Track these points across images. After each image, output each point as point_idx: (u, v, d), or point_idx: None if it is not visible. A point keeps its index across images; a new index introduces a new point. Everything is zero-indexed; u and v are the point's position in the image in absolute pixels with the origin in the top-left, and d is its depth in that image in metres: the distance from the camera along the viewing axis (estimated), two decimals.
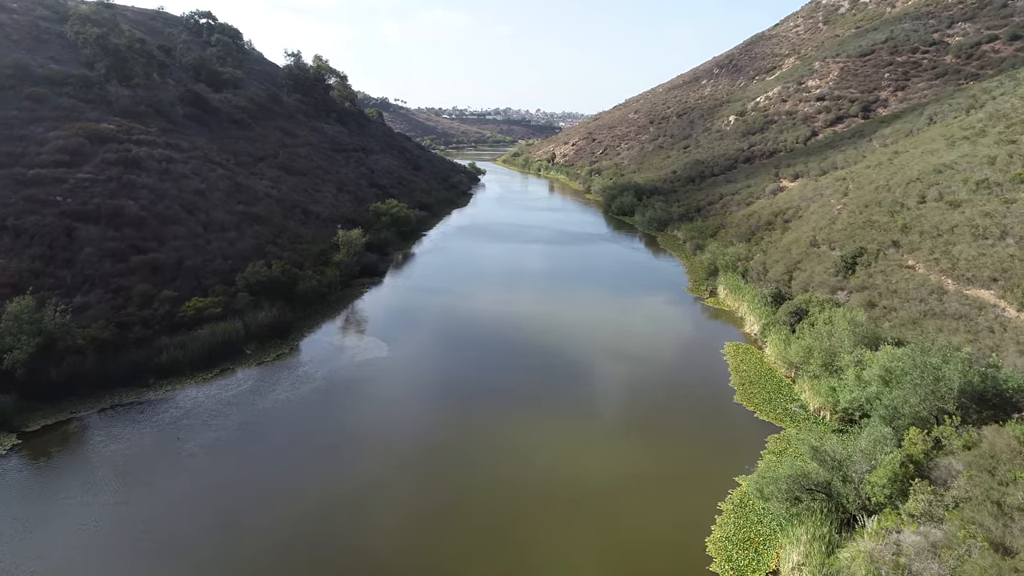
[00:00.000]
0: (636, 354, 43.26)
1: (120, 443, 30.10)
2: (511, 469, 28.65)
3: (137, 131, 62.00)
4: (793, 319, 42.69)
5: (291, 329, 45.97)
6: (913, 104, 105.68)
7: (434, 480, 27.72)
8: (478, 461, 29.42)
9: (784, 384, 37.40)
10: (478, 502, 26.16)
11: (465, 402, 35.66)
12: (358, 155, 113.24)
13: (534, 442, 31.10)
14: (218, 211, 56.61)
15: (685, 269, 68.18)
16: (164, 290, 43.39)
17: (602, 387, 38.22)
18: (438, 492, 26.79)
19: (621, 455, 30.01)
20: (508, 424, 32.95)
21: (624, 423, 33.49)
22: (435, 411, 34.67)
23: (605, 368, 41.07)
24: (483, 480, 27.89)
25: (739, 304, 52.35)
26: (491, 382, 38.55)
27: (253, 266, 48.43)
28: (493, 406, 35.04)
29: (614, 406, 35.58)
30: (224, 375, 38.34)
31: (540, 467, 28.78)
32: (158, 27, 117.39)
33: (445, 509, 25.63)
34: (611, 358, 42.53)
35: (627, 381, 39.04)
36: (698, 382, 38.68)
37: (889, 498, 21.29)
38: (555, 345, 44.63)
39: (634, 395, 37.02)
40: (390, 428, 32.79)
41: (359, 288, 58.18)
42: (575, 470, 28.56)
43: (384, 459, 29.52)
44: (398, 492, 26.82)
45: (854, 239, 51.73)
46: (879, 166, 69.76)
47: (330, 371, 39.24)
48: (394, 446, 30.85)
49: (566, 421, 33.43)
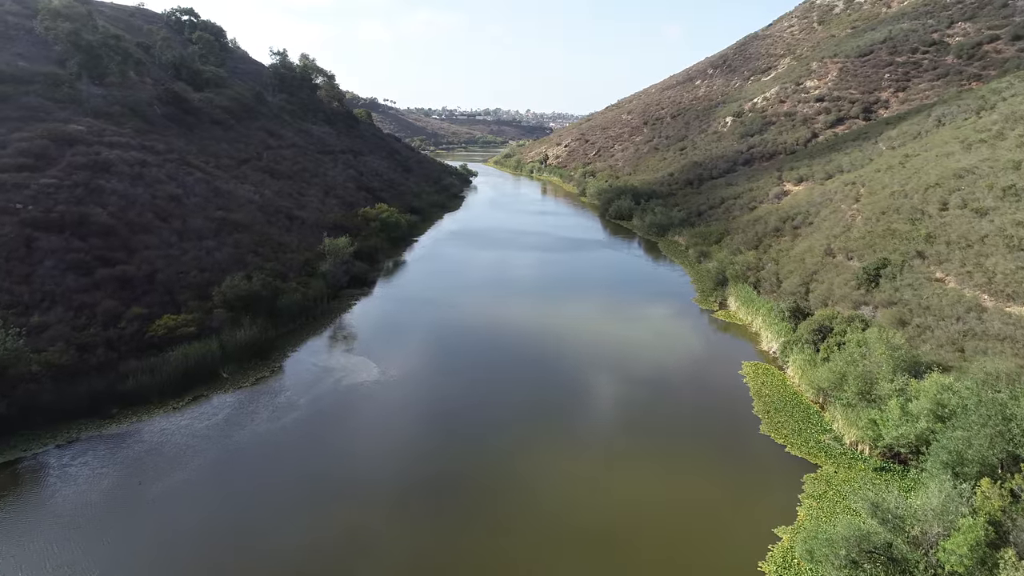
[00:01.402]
0: (647, 376, 40.00)
1: (75, 486, 26.46)
2: (513, 513, 25.31)
3: (109, 132, 58.02)
4: (816, 337, 39.60)
5: (273, 348, 42.32)
6: (916, 105, 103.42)
7: (428, 528, 24.28)
8: (476, 503, 26.03)
9: (813, 412, 34.25)
10: (480, 555, 22.75)
11: (462, 434, 32.21)
12: (346, 157, 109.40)
13: (537, 482, 27.75)
14: (195, 218, 52.80)
15: (691, 278, 65.05)
16: (133, 307, 39.64)
17: (611, 415, 34.92)
18: (431, 543, 23.36)
19: (638, 497, 26.71)
20: (509, 461, 29.58)
21: (638, 458, 30.18)
22: (429, 445, 31.21)
23: (613, 392, 37.78)
24: (484, 527, 24.51)
25: (752, 318, 49.27)
26: (489, 412, 35.08)
27: (232, 279, 44.71)
28: (492, 439, 31.63)
29: (626, 438, 32.23)
30: (197, 402, 34.67)
31: (544, 512, 25.41)
32: (137, 24, 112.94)
33: (442, 567, 22.20)
34: (620, 380, 39.24)
35: (639, 408, 35.75)
36: (718, 409, 35.42)
37: (969, 570, 18.12)
38: (557, 365, 41.30)
39: (647, 425, 33.72)
40: (379, 466, 29.31)
41: (347, 300, 54.52)
42: (584, 516, 25.24)
43: (372, 505, 26.04)
44: (388, 549, 23.34)
45: (874, 249, 48.81)
46: (890, 170, 67.04)
47: (314, 397, 35.67)
48: (384, 488, 27.37)
49: (572, 457, 30.10)
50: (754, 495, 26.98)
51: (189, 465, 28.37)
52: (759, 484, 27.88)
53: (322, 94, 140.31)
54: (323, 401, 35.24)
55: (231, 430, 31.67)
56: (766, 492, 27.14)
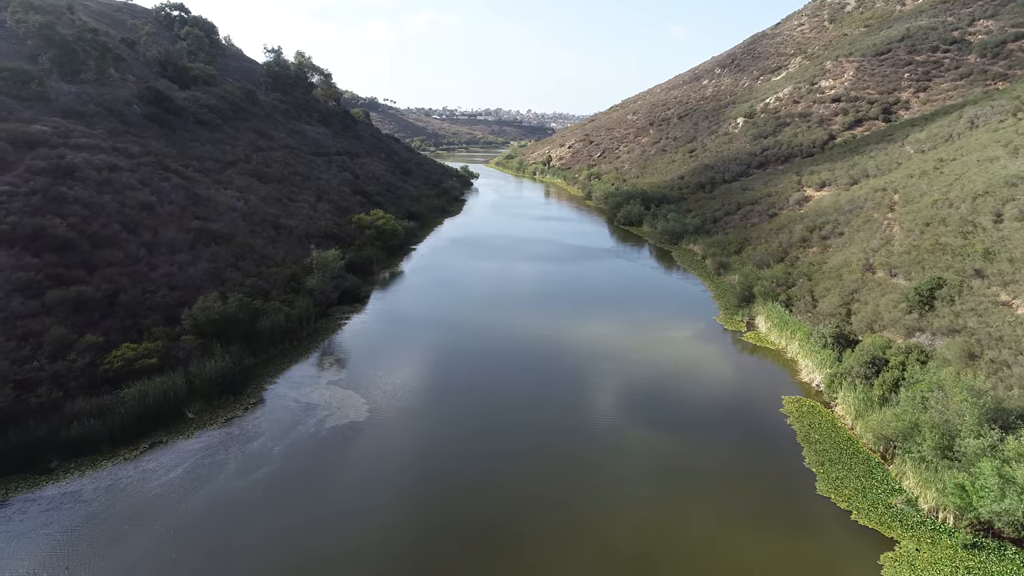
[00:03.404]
0: (673, 415, 34.98)
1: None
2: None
3: (77, 134, 53.01)
4: (869, 371, 34.58)
5: (249, 379, 37.27)
6: (939, 106, 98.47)
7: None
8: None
9: (875, 464, 29.20)
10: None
11: (464, 498, 27.18)
12: (342, 159, 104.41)
13: (550, 566, 22.75)
14: (168, 229, 47.79)
15: (711, 293, 59.98)
16: (87, 334, 34.59)
17: (637, 468, 29.85)
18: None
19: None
20: (516, 539, 24.55)
21: (677, 524, 25.18)
22: (426, 513, 26.16)
23: (637, 436, 32.73)
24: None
25: (787, 341, 44.26)
26: (497, 465, 30.04)
27: (205, 299, 39.65)
28: (500, 506, 26.59)
29: (656, 500, 27.19)
30: (155, 450, 29.67)
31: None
32: (124, 19, 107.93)
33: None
34: (643, 420, 34.19)
35: (668, 458, 30.69)
36: (763, 460, 30.34)
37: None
38: (573, 403, 36.27)
39: (680, 482, 28.66)
40: (365, 543, 24.25)
41: (336, 320, 49.44)
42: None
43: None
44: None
45: (922, 265, 43.80)
46: (925, 175, 62.06)
47: (292, 443, 30.63)
48: (371, 566, 22.38)
49: (592, 529, 25.07)
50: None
51: (131, 541, 23.35)
52: (826, 566, 22.85)
53: (318, 93, 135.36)
54: (302, 449, 30.20)
55: (188, 489, 26.64)
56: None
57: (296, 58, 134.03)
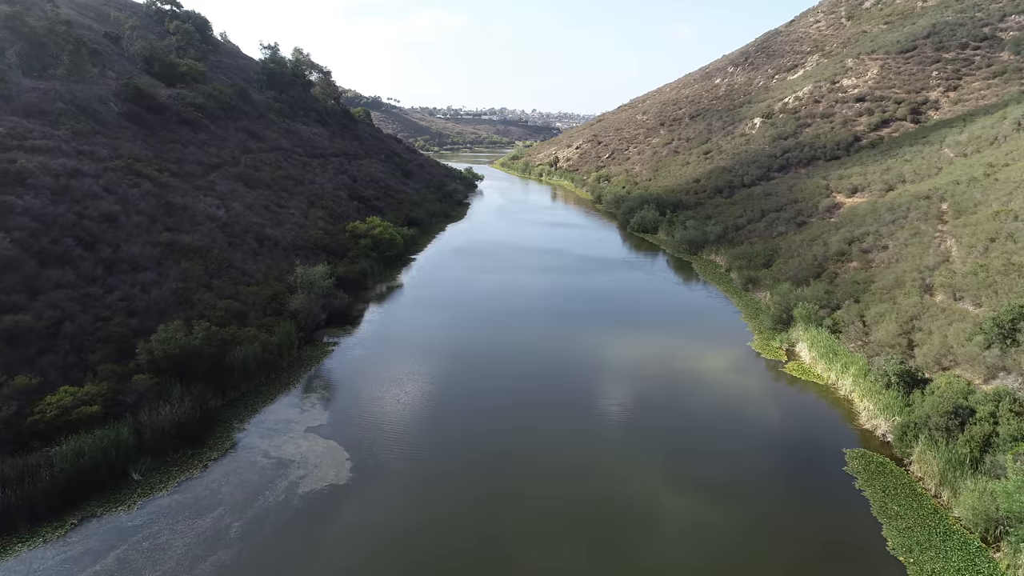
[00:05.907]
0: (714, 477, 29.27)
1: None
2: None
3: (35, 135, 47.58)
4: (952, 422, 28.81)
5: (213, 426, 31.70)
6: (972, 106, 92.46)
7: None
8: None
9: (975, 549, 23.41)
10: None
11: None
12: (338, 161, 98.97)
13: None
14: (133, 243, 42.28)
15: (740, 312, 54.15)
16: (19, 375, 29.08)
17: (677, 555, 24.19)
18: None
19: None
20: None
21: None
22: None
23: (673, 508, 27.03)
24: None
25: (838, 376, 38.49)
26: (508, 547, 24.45)
27: (165, 329, 34.01)
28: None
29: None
30: (84, 527, 24.11)
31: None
32: (110, 13, 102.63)
33: None
34: (687, 490, 28.35)
35: (717, 541, 24.98)
36: (834, 541, 24.46)
37: None
38: (597, 466, 30.59)
39: (733, 573, 23.01)
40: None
41: (322, 347, 43.80)
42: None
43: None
44: None
45: (994, 289, 38.01)
46: (975, 182, 56.30)
47: (254, 519, 25.00)
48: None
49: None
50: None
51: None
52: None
53: (316, 91, 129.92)
54: (266, 526, 24.56)
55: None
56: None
57: (293, 55, 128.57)
